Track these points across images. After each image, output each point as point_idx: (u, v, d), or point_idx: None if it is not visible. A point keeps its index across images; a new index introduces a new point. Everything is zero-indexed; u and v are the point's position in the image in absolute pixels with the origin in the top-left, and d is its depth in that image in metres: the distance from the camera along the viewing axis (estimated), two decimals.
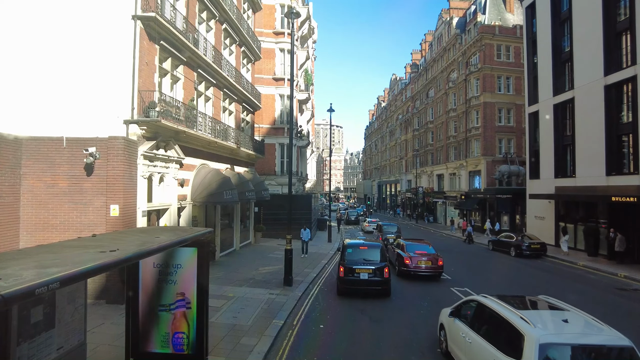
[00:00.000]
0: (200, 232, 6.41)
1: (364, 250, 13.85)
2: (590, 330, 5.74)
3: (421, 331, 9.92)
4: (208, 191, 15.77)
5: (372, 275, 12.89)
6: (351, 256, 13.46)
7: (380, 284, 12.92)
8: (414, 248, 17.05)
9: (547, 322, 5.94)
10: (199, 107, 16.60)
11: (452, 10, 47.99)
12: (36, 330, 4.55)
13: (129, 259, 4.21)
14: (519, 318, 5.85)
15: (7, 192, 10.38)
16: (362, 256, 13.49)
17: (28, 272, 3.27)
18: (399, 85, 71.84)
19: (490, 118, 37.54)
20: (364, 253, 13.67)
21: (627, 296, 14.07)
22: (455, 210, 43.11)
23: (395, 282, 14.97)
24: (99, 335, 8.36)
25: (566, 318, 5.97)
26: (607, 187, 20.88)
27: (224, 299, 11.73)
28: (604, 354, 5.34)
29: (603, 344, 5.37)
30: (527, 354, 5.22)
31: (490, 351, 6.06)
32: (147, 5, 11.89)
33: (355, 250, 13.77)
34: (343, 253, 13.84)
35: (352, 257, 13.40)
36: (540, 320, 5.85)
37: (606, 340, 5.40)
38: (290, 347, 8.72)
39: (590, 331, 5.70)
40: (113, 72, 11.56)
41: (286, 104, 29.49)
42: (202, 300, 6.45)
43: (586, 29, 23.03)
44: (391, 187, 75.64)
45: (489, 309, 6.75)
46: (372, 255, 13.53)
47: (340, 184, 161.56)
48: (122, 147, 10.86)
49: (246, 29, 22.02)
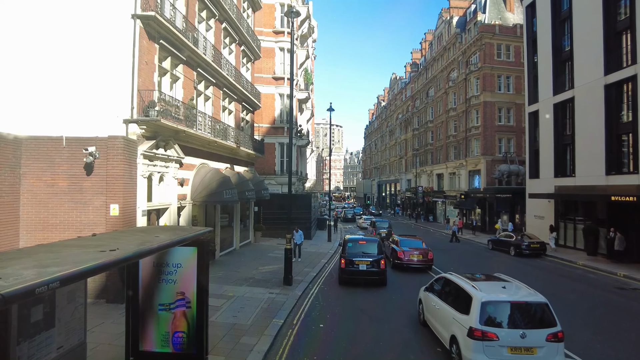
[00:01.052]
0: (200, 231, 6.41)
1: (363, 244, 15.50)
2: (518, 293, 7.87)
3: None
4: (208, 191, 15.77)
5: (370, 267, 14.38)
6: (351, 249, 15.03)
7: (377, 274, 14.42)
8: (407, 243, 18.64)
9: (490, 288, 7.94)
10: (199, 106, 16.59)
11: (452, 9, 47.99)
12: (36, 330, 4.54)
13: (129, 258, 4.22)
14: (471, 286, 7.90)
15: (6, 191, 10.37)
16: (361, 250, 15.04)
17: (28, 272, 3.27)
18: (399, 85, 71.82)
19: (490, 117, 37.54)
20: (362, 247, 15.27)
21: (627, 295, 14.08)
22: (455, 209, 43.12)
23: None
24: (99, 334, 8.36)
25: (504, 286, 8.19)
26: (606, 187, 20.88)
27: (223, 298, 11.73)
28: (525, 307, 7.38)
29: (525, 300, 7.49)
30: (473, 309, 7.27)
31: (451, 312, 8.10)
32: (146, 4, 11.88)
33: (355, 245, 15.41)
34: (344, 247, 15.52)
35: (352, 251, 14.97)
36: (485, 287, 7.91)
37: (528, 298, 7.52)
38: (291, 346, 8.72)
39: (519, 293, 7.82)
40: (113, 72, 11.55)
41: (286, 103, 29.47)
42: (202, 299, 6.45)
43: (586, 28, 23.02)
44: (391, 186, 75.68)
45: (452, 282, 8.72)
46: (370, 249, 15.13)
47: (340, 183, 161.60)
48: (122, 147, 10.85)
49: (246, 28, 22.01)
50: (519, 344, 6.90)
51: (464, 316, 7.51)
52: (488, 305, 7.25)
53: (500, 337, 6.92)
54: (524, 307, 7.38)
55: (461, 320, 7.54)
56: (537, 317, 7.25)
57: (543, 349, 6.91)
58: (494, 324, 7.10)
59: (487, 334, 6.96)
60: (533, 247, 22.56)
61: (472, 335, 7.06)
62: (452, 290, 8.60)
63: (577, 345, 8.94)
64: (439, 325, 8.78)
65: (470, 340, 7.08)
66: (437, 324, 8.87)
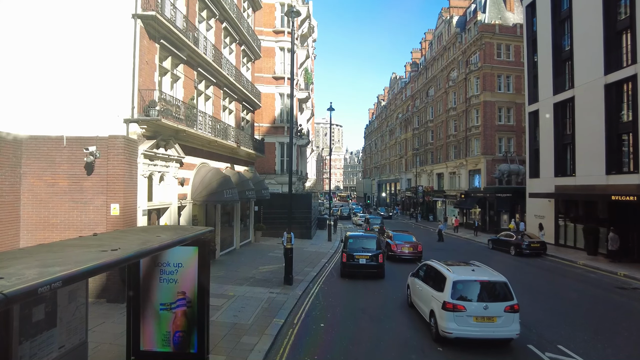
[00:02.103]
0: (201, 231, 6.41)
1: (363, 240, 16.73)
2: (484, 274, 9.39)
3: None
4: (208, 190, 15.77)
5: (369, 261, 15.58)
6: (352, 245, 16.32)
7: (376, 267, 15.60)
8: (400, 238, 20.94)
9: (461, 271, 9.58)
10: (199, 105, 16.59)
11: (452, 9, 47.97)
12: (38, 329, 4.54)
13: (131, 258, 4.21)
14: (446, 269, 9.60)
15: (7, 191, 10.37)
16: (361, 245, 16.27)
17: (30, 271, 3.27)
18: (399, 84, 71.80)
19: (490, 117, 37.54)
20: (362, 243, 16.47)
21: (628, 295, 14.08)
22: (455, 209, 43.14)
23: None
24: (100, 334, 8.37)
25: (473, 269, 9.84)
26: (606, 186, 20.88)
27: (224, 298, 11.74)
28: (488, 285, 8.91)
29: (488, 279, 9.05)
30: (447, 287, 8.93)
31: (430, 291, 9.73)
32: (147, 4, 11.88)
33: (356, 241, 16.68)
34: (345, 243, 16.82)
35: (352, 246, 16.25)
36: (457, 270, 9.57)
37: (491, 278, 9.12)
38: (291, 345, 8.73)
39: (484, 275, 9.35)
40: (113, 71, 11.55)
41: (286, 102, 29.47)
42: (202, 299, 6.45)
43: (586, 28, 23.01)
44: (391, 186, 75.69)
45: (432, 268, 10.30)
46: (369, 245, 16.32)
47: (340, 182, 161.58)
48: (123, 146, 10.85)
49: (246, 27, 22.00)
50: (482, 314, 8.50)
51: (439, 293, 9.12)
52: (458, 284, 8.88)
53: (468, 309, 8.53)
54: (487, 285, 8.93)
55: (437, 296, 9.16)
56: (498, 293, 8.80)
57: (502, 318, 8.47)
58: (463, 299, 8.70)
59: (457, 306, 8.56)
60: (533, 246, 22.56)
61: (445, 308, 8.64)
62: (432, 274, 10.17)
63: (578, 345, 8.95)
64: (421, 303, 10.44)
65: (444, 312, 8.66)
66: (420, 303, 10.55)
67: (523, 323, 9.39)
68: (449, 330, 8.51)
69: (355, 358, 8.25)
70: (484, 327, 8.47)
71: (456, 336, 8.49)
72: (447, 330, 8.54)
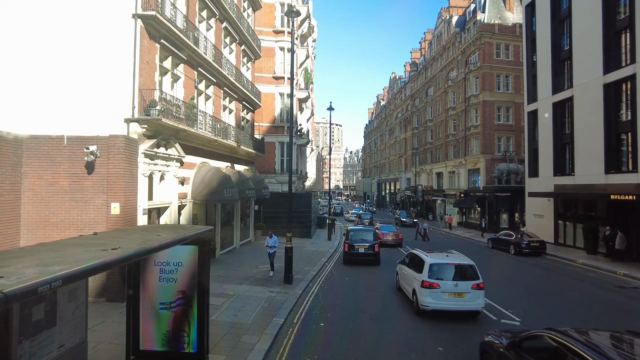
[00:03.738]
0: (201, 230, 6.41)
1: (362, 233, 19.97)
2: (456, 258, 11.27)
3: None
4: (208, 189, 15.78)
5: (367, 250, 18.56)
6: (353, 237, 19.36)
7: (373, 255, 18.59)
8: (385, 228, 26.91)
9: (437, 256, 11.52)
10: (200, 105, 16.60)
11: (452, 8, 47.94)
12: (37, 329, 4.55)
13: (131, 257, 4.22)
14: (425, 255, 11.59)
15: (8, 190, 10.38)
16: (360, 237, 19.35)
17: (30, 270, 3.27)
18: (399, 84, 71.79)
19: (489, 116, 37.55)
20: (361, 235, 19.67)
21: (627, 294, 14.10)
22: (455, 208, 43.17)
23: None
24: (100, 333, 8.38)
25: (448, 255, 11.76)
26: (605, 185, 20.90)
27: (224, 297, 11.75)
28: (458, 267, 10.77)
29: (458, 262, 10.93)
30: (425, 269, 10.86)
31: (413, 274, 11.58)
32: (147, 4, 11.89)
33: (356, 233, 19.86)
34: (347, 235, 19.98)
35: (353, 237, 19.31)
36: (434, 256, 11.55)
37: (460, 261, 11.00)
38: (291, 345, 8.74)
39: (455, 259, 11.23)
40: (114, 71, 11.56)
41: (286, 102, 29.47)
42: (202, 298, 6.46)
43: (586, 28, 23.02)
44: (390, 185, 75.70)
45: (415, 255, 12.23)
46: (367, 237, 19.38)
47: (340, 182, 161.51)
48: (123, 146, 10.86)
49: (246, 27, 22.00)
50: (453, 291, 10.40)
51: (419, 274, 11.03)
52: (434, 266, 10.84)
53: (442, 286, 10.44)
54: (458, 267, 10.79)
55: (418, 277, 11.08)
56: (467, 273, 10.68)
57: (469, 294, 10.41)
58: (437, 278, 10.59)
59: (432, 284, 10.50)
60: (533, 245, 22.58)
61: (424, 286, 10.60)
62: (415, 260, 12.04)
63: None
64: (406, 284, 12.36)
65: (422, 289, 10.62)
66: (405, 284, 12.50)
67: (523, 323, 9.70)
68: (426, 304, 10.43)
69: (355, 358, 8.27)
70: (455, 301, 10.39)
71: (432, 309, 10.40)
72: (425, 304, 10.46)
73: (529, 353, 5.80)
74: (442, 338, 9.31)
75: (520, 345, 6.06)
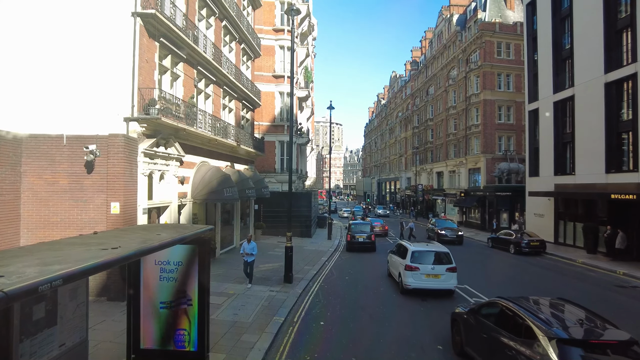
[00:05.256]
0: (201, 229, 6.41)
1: (361, 226, 25.21)
2: (434, 247, 13.81)
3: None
4: (208, 189, 15.77)
5: (365, 239, 23.44)
6: (354, 229, 24.38)
7: (369, 244, 23.44)
8: (374, 221, 32.99)
9: (418, 245, 14.02)
10: (199, 104, 16.58)
11: (453, 7, 47.85)
12: (38, 328, 4.55)
13: (131, 256, 4.22)
14: (408, 244, 13.99)
15: (7, 189, 10.38)
16: (360, 229, 24.42)
17: (31, 270, 3.27)
18: (399, 83, 71.71)
19: (490, 115, 37.51)
20: (361, 227, 24.85)
21: (627, 293, 14.10)
22: (455, 207, 43.15)
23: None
24: (101, 332, 8.39)
25: (428, 244, 14.50)
26: (606, 185, 20.88)
27: (224, 296, 11.76)
28: (435, 253, 13.10)
29: (435, 250, 13.38)
30: (408, 255, 13.13)
31: (399, 260, 13.81)
32: (147, 2, 11.86)
33: (356, 226, 25.04)
34: (349, 228, 25.04)
35: (354, 229, 24.35)
36: (417, 245, 13.95)
37: (437, 249, 13.45)
38: (291, 343, 8.75)
39: (433, 247, 13.78)
40: (113, 70, 11.54)
41: (286, 101, 29.43)
42: (203, 297, 6.47)
43: (587, 26, 22.98)
44: (391, 184, 75.65)
45: (402, 245, 14.50)
46: (365, 229, 24.52)
47: (340, 181, 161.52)
48: (123, 145, 10.85)
49: (246, 26, 21.96)
50: (430, 273, 12.69)
51: (404, 260, 13.27)
52: (415, 252, 13.14)
53: (421, 269, 12.70)
54: (435, 253, 13.13)
55: (402, 262, 13.33)
56: (442, 259, 12.94)
57: (444, 275, 12.69)
58: (417, 262, 12.84)
59: (413, 267, 12.79)
60: (533, 245, 22.56)
61: (407, 269, 12.87)
62: (401, 249, 14.31)
63: None
64: (394, 269, 14.68)
65: (406, 272, 12.89)
66: (393, 269, 14.91)
67: None
68: (408, 284, 12.75)
69: (355, 357, 8.27)
70: (432, 282, 12.67)
71: (413, 287, 12.69)
72: (407, 284, 12.79)
73: (484, 317, 7.50)
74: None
75: (479, 312, 7.81)
